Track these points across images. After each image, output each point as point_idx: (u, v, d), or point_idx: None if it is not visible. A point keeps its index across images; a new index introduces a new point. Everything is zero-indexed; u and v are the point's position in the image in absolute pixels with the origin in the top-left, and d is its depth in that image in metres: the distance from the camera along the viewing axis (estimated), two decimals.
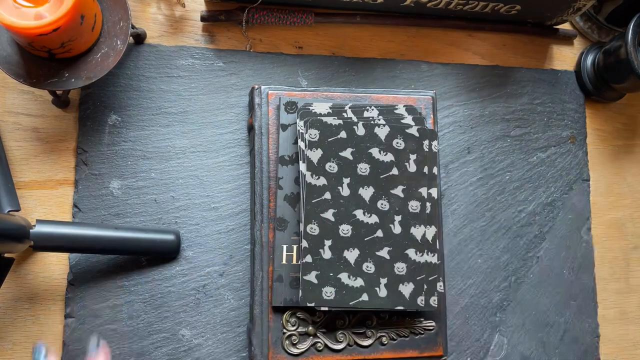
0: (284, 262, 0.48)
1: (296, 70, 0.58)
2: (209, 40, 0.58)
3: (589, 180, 0.63)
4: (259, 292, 0.48)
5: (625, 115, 0.67)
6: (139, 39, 0.56)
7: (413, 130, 0.50)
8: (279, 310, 0.48)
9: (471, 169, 0.60)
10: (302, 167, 0.48)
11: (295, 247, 0.48)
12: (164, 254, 0.52)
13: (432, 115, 0.53)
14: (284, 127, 0.50)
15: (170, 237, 0.52)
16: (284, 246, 0.48)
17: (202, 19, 0.57)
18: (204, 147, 0.55)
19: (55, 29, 0.43)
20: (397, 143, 0.49)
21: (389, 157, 0.49)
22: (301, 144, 0.48)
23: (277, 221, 0.48)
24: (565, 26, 0.66)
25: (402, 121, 0.51)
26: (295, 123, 0.50)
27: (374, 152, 0.49)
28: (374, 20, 0.61)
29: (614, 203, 0.64)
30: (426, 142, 0.50)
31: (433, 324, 0.50)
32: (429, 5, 0.59)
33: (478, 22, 0.63)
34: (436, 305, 0.48)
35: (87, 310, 0.50)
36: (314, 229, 0.47)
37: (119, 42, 0.49)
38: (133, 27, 0.53)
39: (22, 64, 0.47)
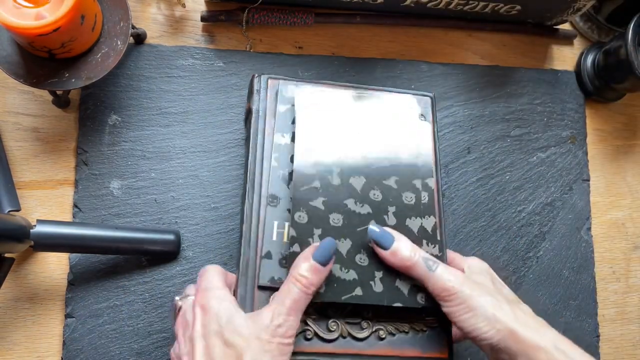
0: (274, 238, 0.45)
1: (296, 70, 0.58)
2: (209, 40, 0.58)
3: (589, 180, 0.63)
4: (244, 270, 0.43)
5: (625, 115, 0.67)
6: (139, 39, 0.56)
7: (407, 122, 0.49)
8: (265, 289, 0.43)
9: (471, 169, 0.60)
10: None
11: (287, 224, 0.45)
12: (164, 254, 0.52)
13: (431, 116, 0.53)
14: (282, 108, 0.49)
15: (171, 237, 0.52)
16: (275, 222, 0.45)
17: (202, 19, 0.57)
18: (204, 147, 0.55)
19: (55, 29, 0.43)
20: (389, 134, 0.49)
21: (381, 148, 0.48)
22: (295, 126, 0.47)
23: (270, 197, 0.46)
24: (565, 26, 0.66)
25: (395, 112, 0.50)
26: (293, 105, 0.49)
27: (366, 142, 0.48)
28: (374, 20, 0.61)
29: (614, 203, 0.64)
30: (420, 134, 0.49)
31: (435, 319, 0.46)
32: (429, 5, 0.59)
33: (478, 22, 0.63)
34: None
35: (87, 310, 0.50)
36: (302, 217, 0.44)
37: (119, 42, 0.49)
38: (133, 27, 0.53)
39: (22, 64, 0.47)
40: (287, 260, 0.43)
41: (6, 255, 0.46)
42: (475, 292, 0.40)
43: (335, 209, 0.45)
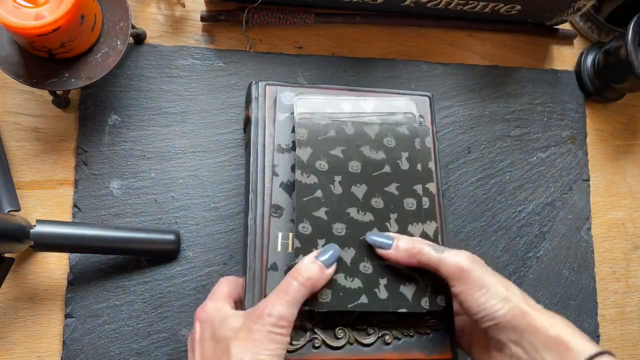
0: (279, 249, 0.46)
1: (296, 70, 0.58)
2: (209, 40, 0.58)
3: (589, 180, 0.63)
4: (250, 284, 0.44)
5: (625, 115, 0.67)
6: (139, 39, 0.56)
7: (403, 129, 0.49)
8: None
9: (471, 169, 0.60)
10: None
11: (290, 234, 0.46)
12: (164, 254, 0.52)
13: (430, 116, 0.53)
14: (281, 117, 0.49)
15: (170, 237, 0.52)
16: (280, 233, 0.46)
17: (202, 19, 0.57)
18: (204, 147, 0.55)
19: (55, 29, 0.43)
20: (388, 141, 0.49)
21: (380, 155, 0.48)
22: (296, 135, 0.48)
23: (273, 208, 0.47)
24: (565, 26, 0.66)
25: (393, 118, 0.50)
26: (292, 113, 0.49)
27: (365, 150, 0.48)
28: (374, 20, 0.61)
29: (614, 203, 0.64)
30: (417, 140, 0.49)
31: (438, 322, 0.47)
32: (429, 5, 0.59)
33: (478, 22, 0.63)
34: (444, 304, 0.45)
35: (87, 310, 0.50)
36: (306, 227, 0.45)
37: (119, 42, 0.49)
38: (133, 27, 0.53)
39: (22, 64, 0.47)
40: None
41: (6, 255, 0.46)
42: (486, 272, 0.41)
43: (338, 219, 0.46)
